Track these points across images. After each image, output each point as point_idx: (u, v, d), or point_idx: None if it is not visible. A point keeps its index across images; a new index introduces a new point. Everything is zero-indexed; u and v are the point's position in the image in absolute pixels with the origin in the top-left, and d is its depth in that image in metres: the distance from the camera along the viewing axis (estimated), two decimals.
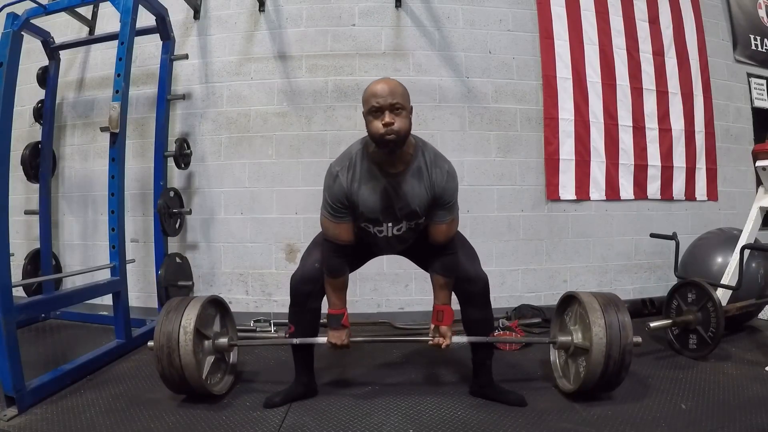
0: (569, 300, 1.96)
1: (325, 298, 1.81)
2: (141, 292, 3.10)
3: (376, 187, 1.63)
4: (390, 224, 1.70)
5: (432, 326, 1.79)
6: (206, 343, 1.88)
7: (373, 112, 1.52)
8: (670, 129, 3.39)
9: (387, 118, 1.49)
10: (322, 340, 1.81)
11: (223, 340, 1.93)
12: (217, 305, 2.00)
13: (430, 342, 1.78)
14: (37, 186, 3.05)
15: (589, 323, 1.75)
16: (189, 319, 1.77)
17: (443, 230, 1.69)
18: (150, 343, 1.79)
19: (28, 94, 3.12)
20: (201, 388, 1.78)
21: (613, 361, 1.72)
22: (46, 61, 3.06)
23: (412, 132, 1.62)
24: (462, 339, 1.84)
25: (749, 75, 3.72)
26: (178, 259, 2.97)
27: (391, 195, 1.64)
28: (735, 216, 3.34)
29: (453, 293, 1.81)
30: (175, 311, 1.81)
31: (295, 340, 1.83)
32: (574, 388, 1.82)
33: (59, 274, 3.10)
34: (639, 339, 1.76)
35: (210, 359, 1.88)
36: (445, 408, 1.79)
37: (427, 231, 1.73)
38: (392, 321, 2.91)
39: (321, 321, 1.85)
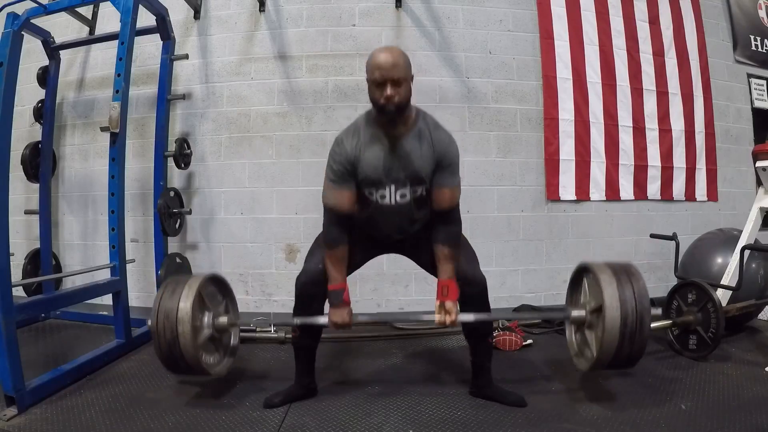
0: (581, 273, 1.89)
1: (326, 301, 1.80)
2: (141, 292, 3.10)
3: (379, 148, 1.67)
4: (393, 187, 1.69)
5: (437, 303, 1.73)
6: (206, 315, 1.83)
7: (375, 83, 1.59)
8: (670, 129, 3.39)
9: (388, 91, 1.56)
10: (324, 319, 1.76)
11: (224, 319, 1.88)
12: (219, 284, 1.98)
13: (436, 319, 1.72)
14: (37, 186, 3.05)
15: (601, 288, 1.66)
16: (192, 286, 1.76)
17: (447, 195, 1.70)
18: (149, 322, 1.76)
19: (28, 94, 3.12)
20: (195, 360, 1.72)
21: (630, 321, 1.61)
22: (46, 61, 3.06)
23: None
24: (468, 316, 1.75)
25: (749, 75, 3.72)
26: (178, 259, 2.97)
27: (394, 155, 1.66)
28: (735, 216, 3.34)
29: None
30: (178, 283, 1.80)
31: (296, 320, 1.79)
32: (592, 361, 1.72)
33: (59, 274, 3.09)
34: (659, 310, 1.67)
35: (207, 332, 1.83)
36: (444, 408, 1.79)
37: (431, 198, 1.72)
38: (392, 321, 2.91)
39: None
